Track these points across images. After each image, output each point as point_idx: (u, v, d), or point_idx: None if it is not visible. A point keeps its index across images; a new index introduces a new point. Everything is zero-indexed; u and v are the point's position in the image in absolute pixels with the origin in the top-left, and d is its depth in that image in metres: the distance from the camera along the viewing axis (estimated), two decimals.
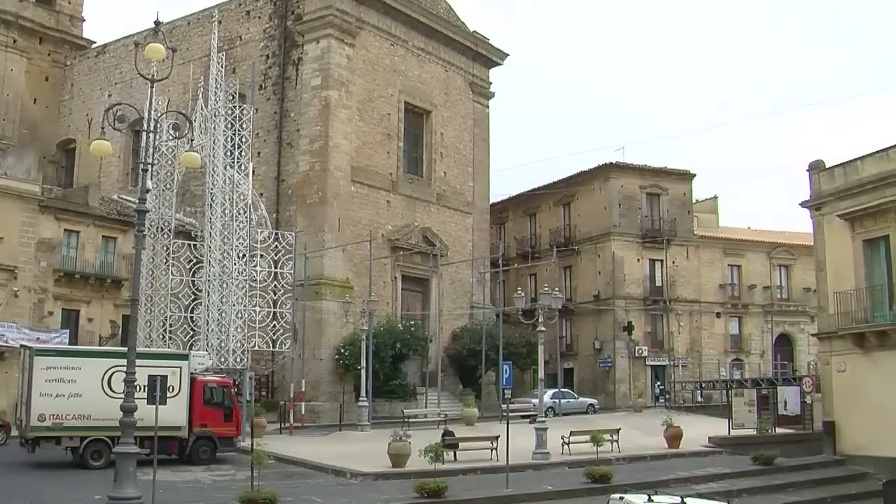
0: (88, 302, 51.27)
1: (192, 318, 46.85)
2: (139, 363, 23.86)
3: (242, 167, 46.08)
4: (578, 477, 30.72)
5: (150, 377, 25.34)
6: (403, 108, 63.08)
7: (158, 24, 23.79)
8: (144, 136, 24.59)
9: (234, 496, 23.96)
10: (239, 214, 45.17)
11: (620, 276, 70.51)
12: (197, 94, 52.28)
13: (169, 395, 28.93)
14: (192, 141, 44.12)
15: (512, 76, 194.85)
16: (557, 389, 59.67)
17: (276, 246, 46.81)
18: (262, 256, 46.13)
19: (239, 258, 44.74)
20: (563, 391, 60.74)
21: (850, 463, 37.21)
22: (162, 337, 46.26)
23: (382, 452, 33.02)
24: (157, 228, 47.49)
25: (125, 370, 22.91)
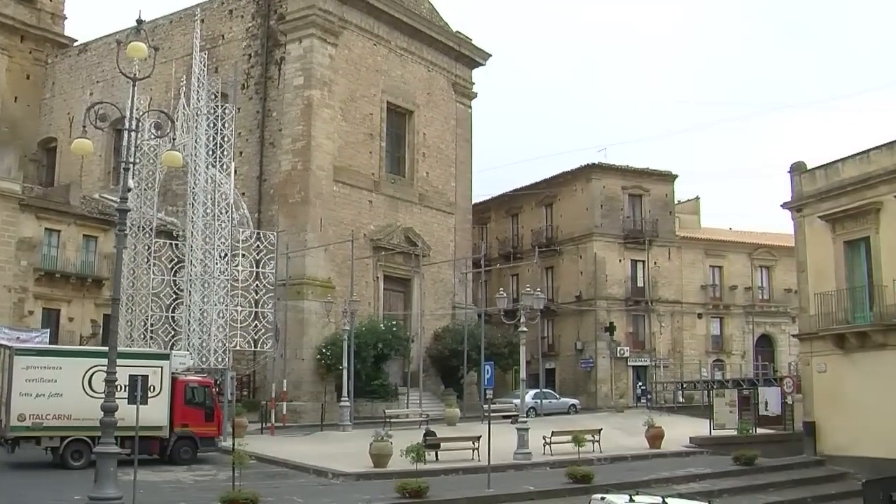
0: (69, 301, 51.08)
1: (173, 317, 46.64)
2: (120, 363, 23.81)
3: (224, 166, 45.94)
4: (560, 477, 30.79)
5: (131, 377, 25.24)
6: (386, 107, 63.02)
7: (141, 22, 23.71)
8: (126, 134, 24.47)
9: (215, 496, 23.88)
10: (221, 214, 45.01)
11: (602, 276, 70.58)
12: (179, 93, 52.07)
13: (150, 394, 28.93)
14: (173, 140, 44.24)
15: (495, 76, 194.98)
16: (539, 390, 59.70)
17: (258, 245, 46.69)
18: (243, 256, 45.99)
19: (221, 258, 44.59)
20: (544, 391, 60.73)
21: (830, 463, 37.40)
22: (143, 336, 46.06)
23: (364, 452, 33.00)
24: (138, 227, 47.27)
25: (106, 370, 22.87)
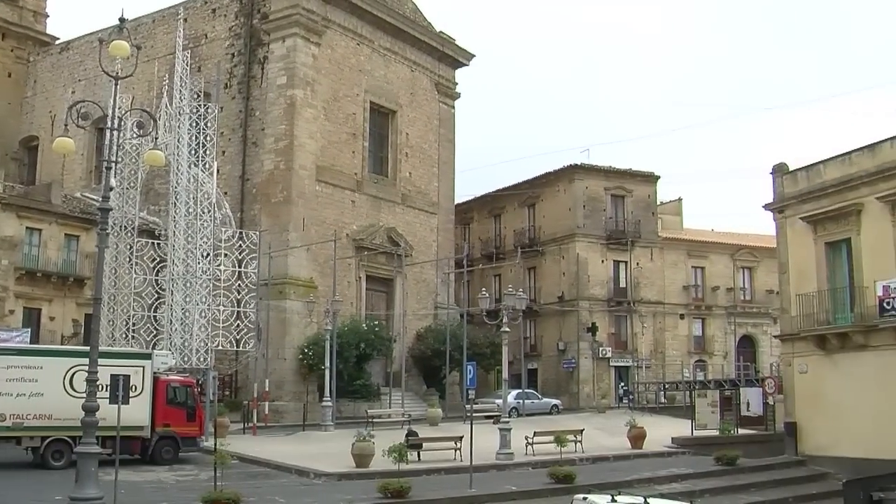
0: (50, 300, 50.96)
1: (155, 317, 46.58)
2: (101, 362, 23.70)
3: (207, 166, 45.90)
4: (542, 477, 30.78)
5: (112, 377, 25.14)
6: (369, 107, 62.99)
7: (123, 21, 23.61)
8: (108, 133, 24.38)
9: (197, 496, 23.81)
10: (203, 213, 44.98)
11: (584, 277, 70.68)
12: (162, 92, 52.04)
13: (131, 394, 28.76)
14: (156, 139, 43.72)
15: (478, 77, 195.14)
16: (521, 390, 59.74)
17: (240, 245, 46.66)
18: (226, 255, 45.96)
19: (203, 257, 44.55)
20: (526, 392, 60.79)
21: (811, 463, 37.49)
22: (125, 336, 45.97)
23: (346, 452, 32.96)
24: (120, 227, 47.20)
25: (87, 369, 22.77)
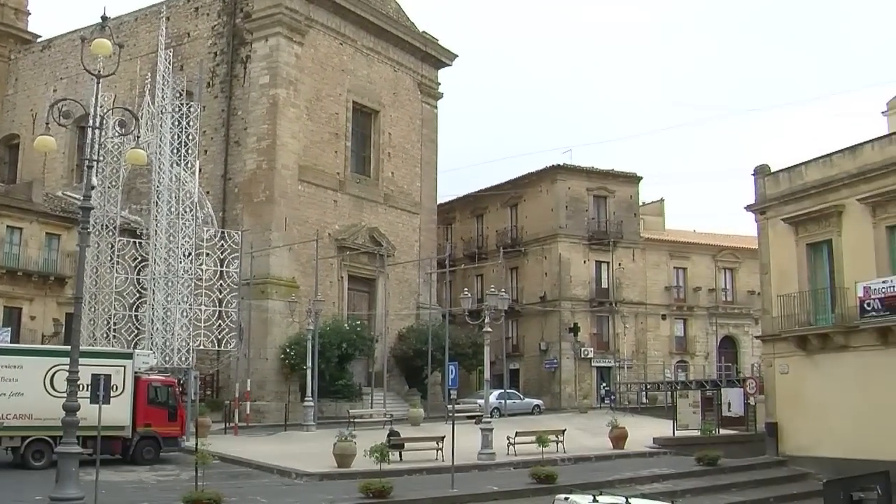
0: (31, 300, 50.75)
1: (136, 316, 46.43)
2: (82, 362, 23.62)
3: (189, 165, 45.76)
4: (524, 477, 30.85)
5: (93, 376, 25.04)
6: (352, 107, 62.94)
7: (105, 19, 23.53)
8: (90, 132, 24.27)
9: (178, 496, 23.80)
10: (185, 212, 44.84)
11: (567, 277, 70.73)
12: (144, 90, 51.87)
13: (112, 394, 28.60)
14: (138, 138, 44.01)
15: (461, 77, 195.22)
16: (503, 390, 59.76)
17: (222, 244, 46.54)
18: (207, 255, 45.83)
19: (185, 256, 44.42)
20: (508, 392, 60.78)
21: (791, 463, 37.65)
22: (106, 335, 45.80)
23: (328, 452, 32.94)
24: (101, 226, 47.02)
25: (68, 369, 22.68)
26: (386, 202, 65.06)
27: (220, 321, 45.61)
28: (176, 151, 45.69)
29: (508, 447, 36.65)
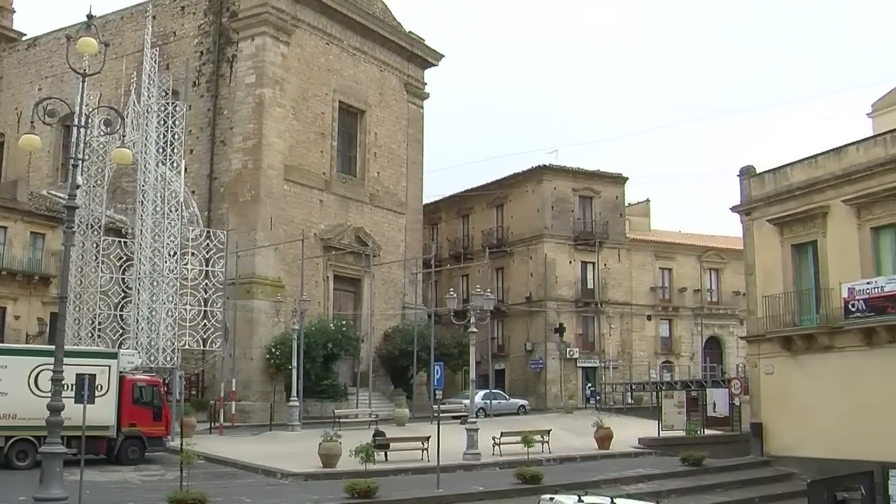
0: (15, 299, 50.57)
1: (121, 316, 46.31)
2: (67, 362, 23.54)
3: (174, 164, 45.69)
4: (509, 477, 30.84)
5: (78, 376, 24.98)
6: (338, 107, 62.86)
7: (91, 17, 23.48)
8: (75, 131, 24.23)
9: (162, 496, 23.73)
10: (170, 212, 44.76)
11: (552, 277, 70.81)
12: (129, 89, 51.78)
13: (97, 394, 28.59)
14: (123, 137, 43.93)
15: (448, 77, 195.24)
16: (488, 390, 59.75)
17: (207, 244, 46.45)
18: (193, 254, 45.75)
19: (170, 256, 44.34)
20: (494, 392, 60.81)
21: (776, 464, 37.73)
22: (91, 335, 45.66)
23: (313, 452, 32.91)
24: (86, 225, 46.89)
25: (53, 369, 22.61)
26: (372, 202, 65.02)
27: (205, 321, 45.54)
28: (161, 151, 45.61)
29: (494, 447, 36.68)
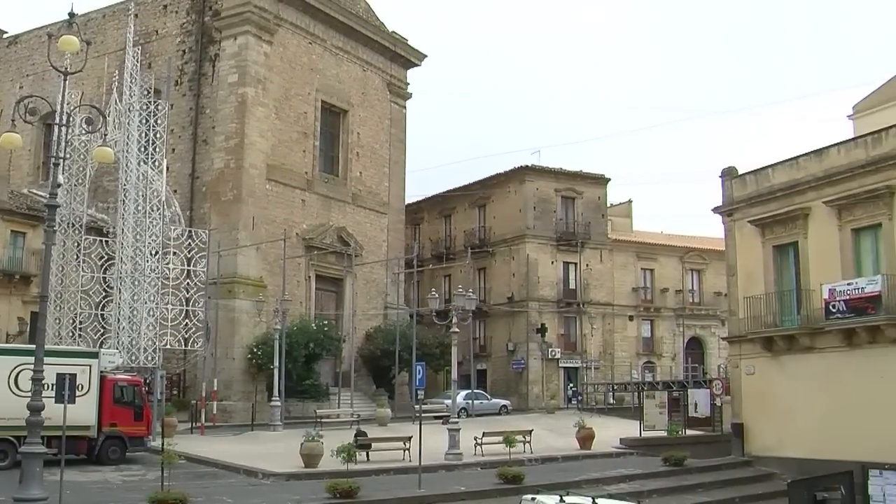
0: None
1: (102, 315, 46.10)
2: (48, 361, 23.46)
3: (156, 163, 45.50)
4: (491, 478, 30.85)
5: (58, 375, 24.87)
6: (320, 106, 62.82)
7: (73, 15, 23.52)
8: (56, 129, 24.14)
9: (143, 497, 23.64)
10: (152, 211, 44.58)
11: (534, 278, 70.85)
12: (111, 88, 51.53)
13: (78, 393, 28.44)
14: (105, 136, 43.73)
15: (431, 77, 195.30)
16: (470, 390, 59.78)
17: (189, 243, 46.32)
18: (175, 254, 45.61)
19: (151, 255, 44.16)
20: (476, 392, 60.80)
21: (757, 464, 37.88)
22: (72, 334, 45.46)
23: (295, 452, 32.86)
24: (67, 224, 46.65)
25: (33, 368, 22.52)
26: (354, 202, 64.96)
27: (186, 320, 45.42)
28: (143, 150, 45.40)
29: (476, 447, 36.68)
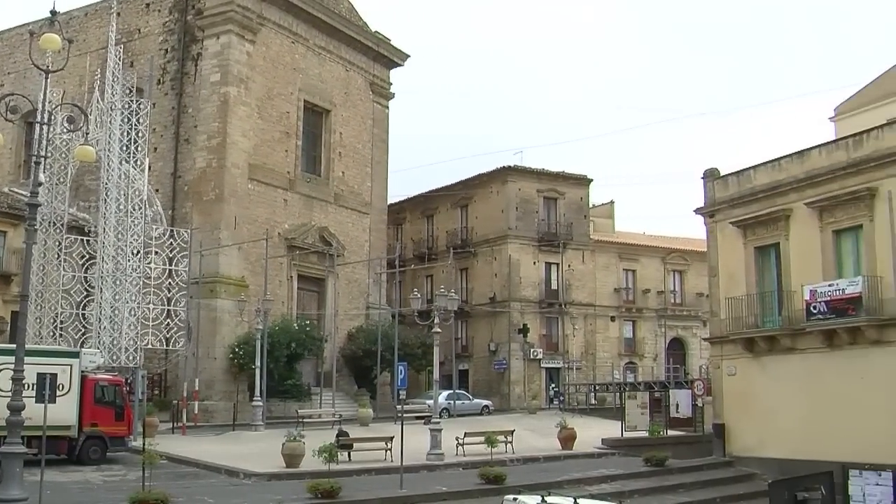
0: None
1: (83, 314, 45.89)
2: (28, 361, 23.33)
3: (138, 162, 45.34)
4: (472, 478, 30.89)
5: (39, 375, 24.86)
6: (303, 106, 62.71)
7: (55, 13, 23.35)
8: (38, 128, 24.02)
9: (124, 497, 23.61)
10: (134, 210, 44.42)
11: (516, 278, 70.95)
12: (93, 86, 51.35)
13: (59, 393, 28.46)
14: (87, 134, 43.59)
15: (414, 77, 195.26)
16: (452, 391, 59.84)
17: (171, 243, 46.13)
18: (156, 253, 45.43)
19: (133, 255, 44.00)
20: (457, 392, 60.90)
21: (738, 464, 38.02)
22: (52, 334, 45.26)
23: (276, 452, 32.86)
24: (49, 223, 46.47)
25: (13, 368, 22.41)
26: (336, 202, 64.89)
27: (168, 320, 45.25)
28: (125, 149, 45.23)
29: (457, 448, 36.72)
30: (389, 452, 34.35)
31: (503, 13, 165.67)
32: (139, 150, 45.43)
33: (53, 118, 33.13)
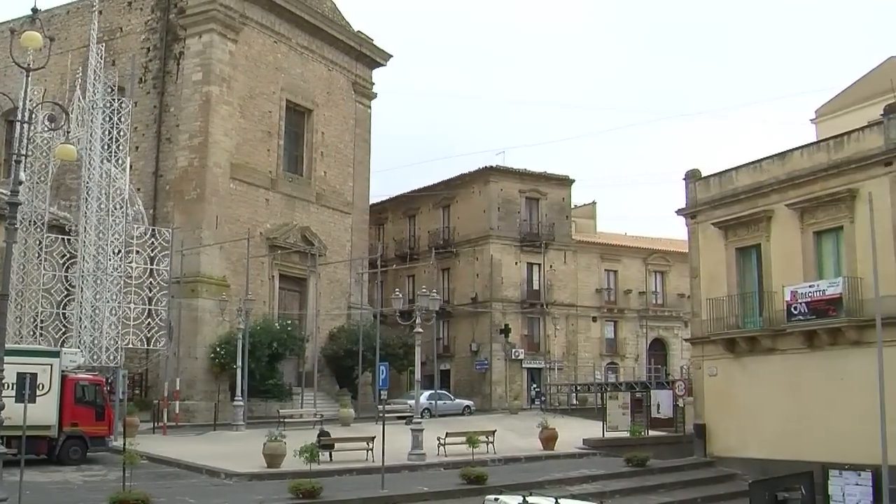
0: None
1: (64, 314, 45.76)
2: (8, 360, 23.20)
3: (120, 161, 45.21)
4: (454, 478, 30.89)
5: (19, 375, 24.73)
6: (285, 105, 62.62)
7: (36, 11, 23.19)
8: (18, 126, 23.94)
9: (104, 497, 23.51)
10: (115, 209, 44.30)
11: (498, 279, 70.95)
12: (75, 85, 51.14)
13: (38, 393, 28.32)
14: (68, 133, 43.45)
15: (396, 77, 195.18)
16: (434, 391, 59.87)
17: (152, 242, 46.05)
18: (137, 253, 45.32)
19: (114, 254, 43.89)
20: (439, 393, 60.93)
21: (719, 464, 38.19)
22: (33, 333, 45.08)
23: (257, 452, 32.77)
24: (29, 222, 46.27)
25: None
26: (318, 201, 64.80)
27: (149, 319, 45.13)
28: (106, 147, 45.09)
29: (439, 448, 36.70)
30: (371, 452, 34.32)
31: (485, 14, 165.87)
32: (120, 148, 45.31)
33: (34, 116, 33.08)
